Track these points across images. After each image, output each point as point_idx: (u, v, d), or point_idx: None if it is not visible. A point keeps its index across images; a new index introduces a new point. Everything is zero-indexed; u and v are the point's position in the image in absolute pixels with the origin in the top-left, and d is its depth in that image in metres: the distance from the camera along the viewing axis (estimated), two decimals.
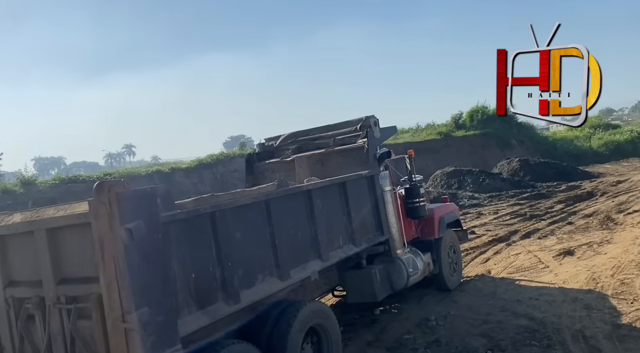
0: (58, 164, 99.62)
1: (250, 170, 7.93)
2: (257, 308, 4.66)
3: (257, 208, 4.66)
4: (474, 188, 18.34)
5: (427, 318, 6.47)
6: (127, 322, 3.25)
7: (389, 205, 6.59)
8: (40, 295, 3.64)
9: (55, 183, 20.86)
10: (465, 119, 32.22)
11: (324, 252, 5.38)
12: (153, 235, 3.43)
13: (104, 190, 3.25)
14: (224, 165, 24.26)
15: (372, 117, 7.04)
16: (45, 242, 3.57)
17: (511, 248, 9.99)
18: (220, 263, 4.10)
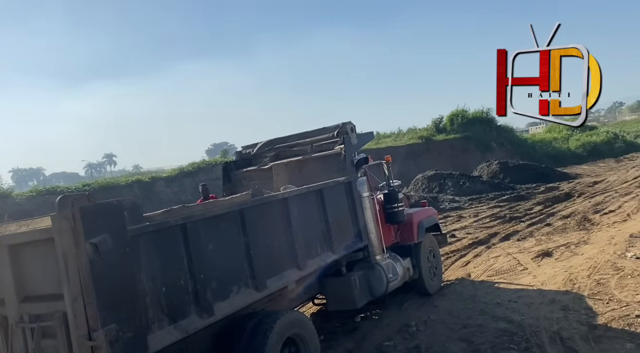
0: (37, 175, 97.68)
1: (228, 179, 7.85)
2: (233, 321, 4.58)
3: (230, 218, 4.59)
4: (455, 192, 18.47)
5: (408, 324, 6.45)
6: (93, 340, 3.16)
7: (368, 211, 6.58)
8: (3, 314, 3.53)
9: (33, 195, 20.43)
10: (445, 122, 32.54)
11: (302, 260, 5.33)
12: (120, 249, 3.35)
13: (67, 205, 3.16)
14: (205, 173, 24.03)
15: (349, 123, 7.03)
16: (7, 259, 3.45)
17: (491, 251, 10.06)
18: (192, 276, 4.02)
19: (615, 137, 36.28)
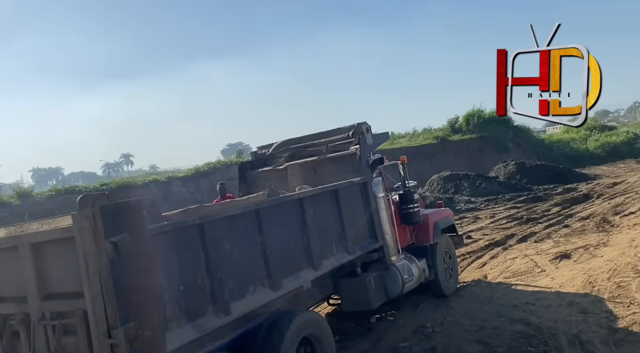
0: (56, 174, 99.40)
1: (243, 179, 7.90)
2: (249, 320, 4.60)
3: (247, 218, 4.62)
4: (471, 192, 18.31)
5: (423, 326, 6.42)
6: (113, 337, 3.20)
7: (383, 212, 6.55)
8: (25, 311, 3.58)
9: (52, 194, 20.78)
10: (461, 122, 32.26)
11: (317, 260, 5.34)
12: (139, 248, 3.38)
13: (88, 204, 3.20)
14: (221, 173, 24.19)
15: (364, 123, 7.02)
16: (29, 257, 3.52)
17: (508, 252, 9.95)
18: (209, 275, 4.05)
19: (635, 137, 35.52)
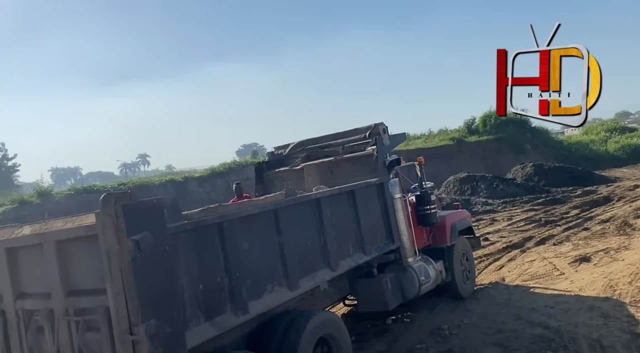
0: (74, 174, 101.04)
1: (260, 179, 7.94)
2: (266, 319, 4.63)
3: (265, 217, 4.65)
4: (488, 194, 18.13)
5: (440, 328, 6.38)
6: (134, 334, 3.25)
7: (399, 213, 6.53)
8: (49, 307, 3.66)
9: (71, 193, 21.15)
10: (478, 124, 32.00)
11: (334, 261, 5.35)
12: (160, 247, 3.43)
13: (111, 202, 3.26)
14: (236, 174, 24.36)
15: (381, 124, 7.01)
16: (53, 254, 3.59)
17: (526, 255, 9.83)
18: (228, 274, 4.09)
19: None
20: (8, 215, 17.88)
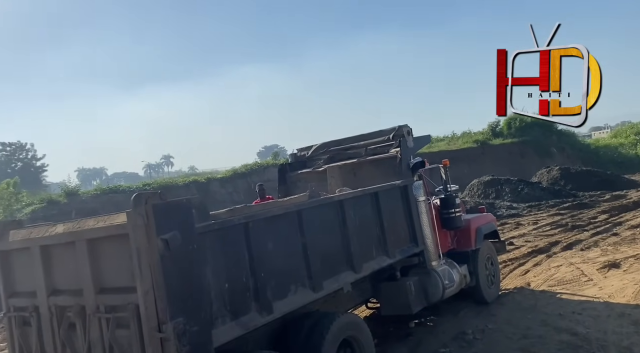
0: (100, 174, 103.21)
1: (283, 180, 7.98)
2: (290, 320, 4.66)
3: (289, 219, 4.68)
4: (513, 198, 17.84)
5: (464, 332, 6.31)
6: (162, 332, 3.31)
7: (424, 216, 6.49)
8: (81, 304, 3.75)
9: (97, 193, 21.65)
10: (502, 126, 31.51)
11: (357, 263, 5.34)
12: (188, 246, 3.49)
13: (141, 202, 3.33)
14: (258, 175, 24.55)
15: (405, 126, 6.98)
16: (85, 252, 3.68)
17: (552, 260, 9.64)
18: (253, 274, 4.13)
19: None
20: (37, 214, 18.39)
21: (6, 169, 47.63)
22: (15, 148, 51.84)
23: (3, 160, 50.81)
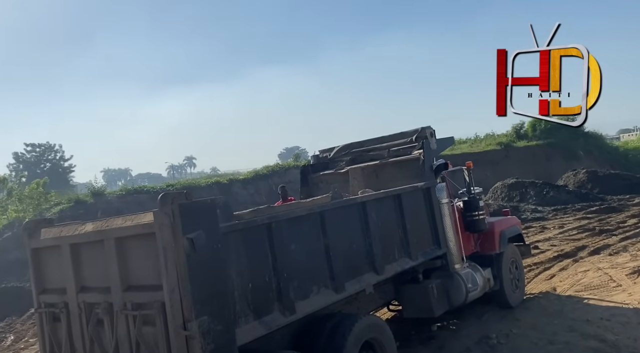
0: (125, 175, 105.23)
1: (305, 182, 8.01)
2: (311, 321, 4.67)
3: (312, 219, 4.70)
4: (537, 201, 17.50)
5: (488, 336, 6.22)
6: (188, 330, 3.36)
7: (447, 218, 6.43)
8: (109, 301, 3.83)
9: (122, 193, 22.07)
10: (527, 128, 30.89)
11: (379, 265, 5.33)
12: (213, 245, 3.54)
13: (168, 202, 3.39)
14: (279, 176, 24.67)
15: (429, 127, 6.93)
16: (113, 250, 3.77)
17: (578, 264, 9.42)
18: (276, 274, 4.16)
19: None
20: (65, 214, 18.85)
21: (35, 169, 48.96)
22: (45, 149, 53.23)
23: (33, 161, 52.24)
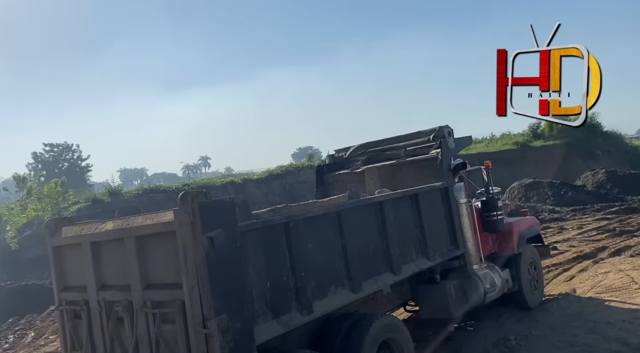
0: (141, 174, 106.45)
1: (321, 181, 7.99)
2: (328, 320, 4.65)
3: (329, 219, 4.69)
4: (555, 202, 17.26)
5: (506, 338, 6.14)
6: (207, 328, 3.38)
7: (464, 218, 6.37)
8: (129, 299, 3.86)
9: (139, 193, 22.32)
10: (544, 127, 30.48)
11: (396, 265, 5.29)
12: (232, 244, 3.55)
13: (188, 201, 3.41)
14: (292, 176, 24.75)
15: (446, 127, 6.86)
16: (134, 248, 3.80)
17: (599, 266, 9.26)
18: (294, 273, 4.16)
19: None
20: (82, 213, 19.14)
21: (54, 169, 49.72)
22: (62, 149, 54.04)
23: (51, 161, 53.07)
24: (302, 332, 4.51)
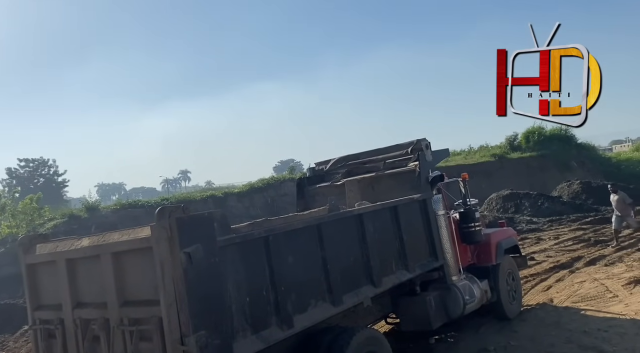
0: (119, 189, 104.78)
1: (301, 194, 8.00)
2: (309, 335, 4.63)
3: (309, 232, 4.70)
4: (532, 212, 17.57)
5: (486, 349, 6.19)
6: (185, 345, 3.33)
7: (443, 230, 6.44)
8: (105, 317, 3.79)
9: (117, 208, 21.90)
10: (520, 140, 31.14)
11: (377, 277, 5.31)
12: (210, 259, 3.53)
13: (165, 216, 3.38)
14: (274, 189, 24.63)
15: (424, 139, 6.97)
16: (110, 265, 3.74)
17: (575, 275, 9.44)
18: (274, 287, 4.14)
19: None
20: (59, 229, 18.68)
21: (29, 184, 48.57)
22: (38, 164, 52.91)
23: (26, 176, 51.86)
24: (283, 347, 4.46)
